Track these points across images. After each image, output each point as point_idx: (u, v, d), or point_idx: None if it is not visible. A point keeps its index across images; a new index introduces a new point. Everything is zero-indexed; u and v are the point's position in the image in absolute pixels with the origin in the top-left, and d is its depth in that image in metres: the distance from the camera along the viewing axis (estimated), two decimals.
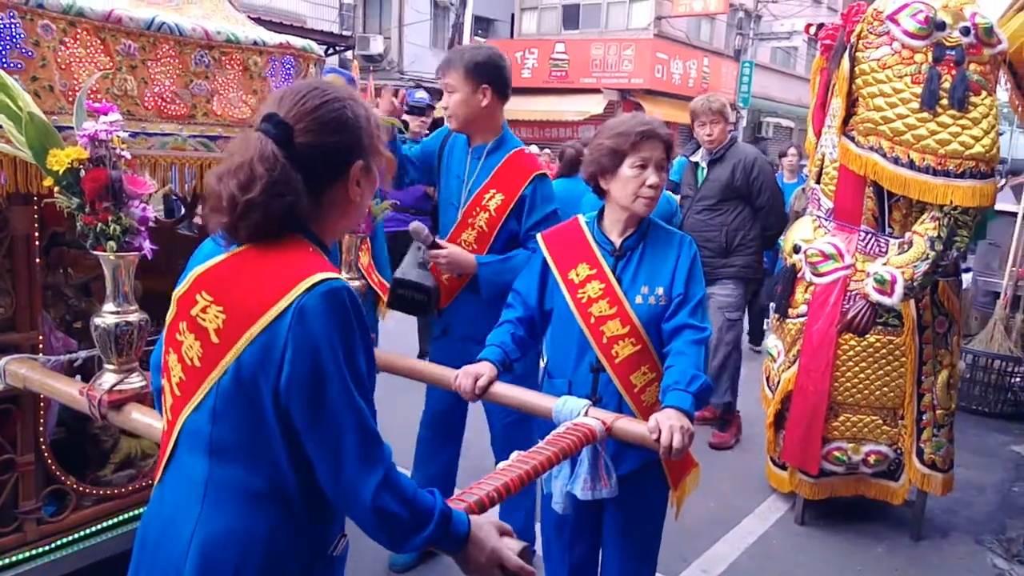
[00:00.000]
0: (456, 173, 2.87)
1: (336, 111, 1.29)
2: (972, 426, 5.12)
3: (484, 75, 2.74)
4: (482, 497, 1.49)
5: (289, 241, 1.28)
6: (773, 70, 24.19)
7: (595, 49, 19.79)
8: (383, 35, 19.10)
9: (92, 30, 2.02)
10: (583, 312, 2.20)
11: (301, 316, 1.19)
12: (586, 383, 2.22)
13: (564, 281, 2.24)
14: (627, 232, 2.24)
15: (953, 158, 3.01)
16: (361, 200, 1.37)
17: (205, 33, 2.26)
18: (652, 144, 2.16)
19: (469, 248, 2.75)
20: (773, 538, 3.57)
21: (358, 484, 1.22)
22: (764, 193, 4.41)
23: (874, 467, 3.50)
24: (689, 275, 2.20)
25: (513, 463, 1.69)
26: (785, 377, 3.59)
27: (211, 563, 1.24)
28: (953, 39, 3.03)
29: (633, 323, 2.17)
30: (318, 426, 1.21)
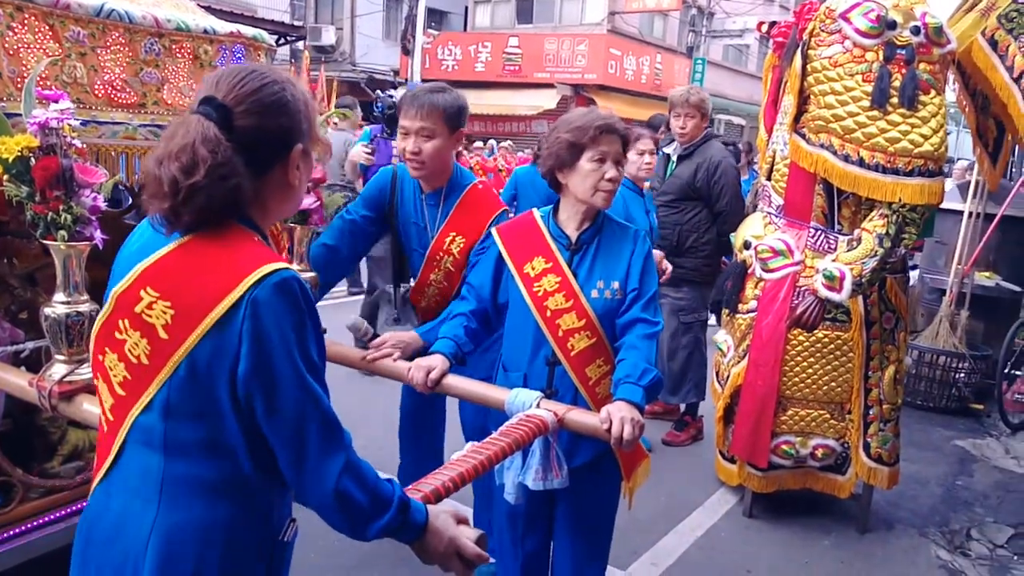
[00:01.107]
0: (413, 220, 2.76)
1: (276, 93, 1.28)
2: (917, 421, 5.24)
3: (460, 122, 2.63)
4: (437, 487, 1.52)
5: (232, 231, 1.26)
6: (725, 67, 24.52)
7: (549, 43, 19.84)
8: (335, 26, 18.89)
9: (40, 16, 2.00)
10: (539, 305, 2.21)
11: (254, 309, 1.19)
12: (542, 376, 2.23)
13: (520, 275, 2.25)
14: (583, 226, 2.26)
15: (902, 156, 3.05)
16: (300, 185, 1.36)
17: (155, 21, 2.24)
18: (610, 139, 2.18)
19: (440, 287, 2.71)
20: (722, 531, 3.61)
21: (321, 470, 1.24)
22: (724, 197, 4.35)
23: (821, 461, 3.55)
24: (643, 269, 2.22)
25: (467, 454, 1.72)
26: (735, 372, 3.62)
27: (172, 556, 1.23)
28: (904, 38, 3.07)
29: (589, 316, 2.18)
30: (279, 416, 1.22)
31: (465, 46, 20.70)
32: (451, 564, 1.38)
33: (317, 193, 2.37)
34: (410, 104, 2.58)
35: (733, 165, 4.52)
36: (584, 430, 2.03)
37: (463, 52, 20.61)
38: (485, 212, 2.70)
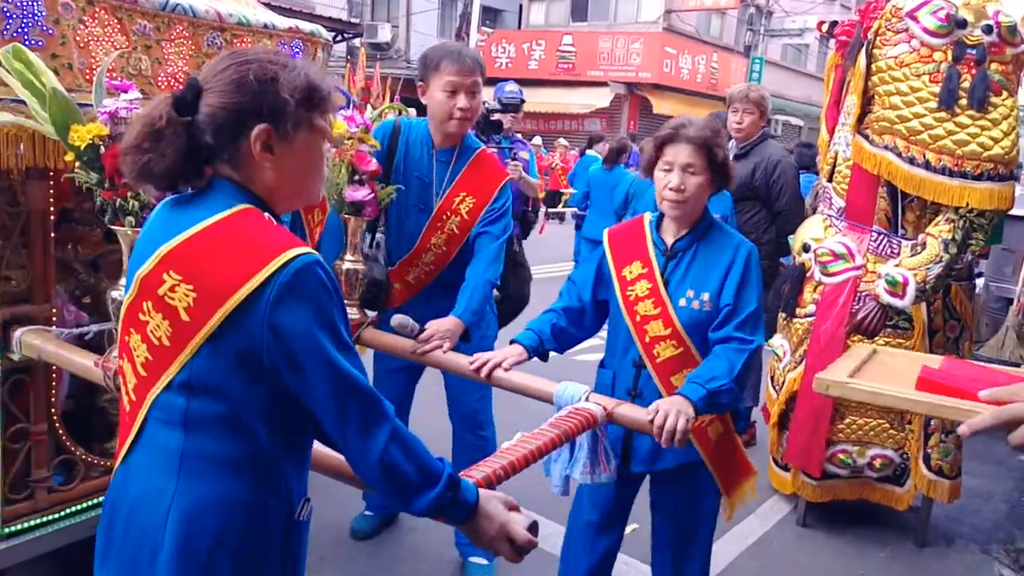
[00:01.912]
0: (417, 174, 2.74)
1: (240, 72, 1.28)
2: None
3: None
4: (489, 474, 1.54)
5: (244, 213, 1.29)
6: (783, 67, 24.10)
7: (603, 42, 19.73)
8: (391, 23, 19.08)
9: (109, 9, 2.07)
10: (629, 309, 2.25)
11: (281, 295, 1.21)
12: (628, 377, 2.28)
13: (617, 277, 2.29)
14: (680, 233, 2.27)
15: (971, 159, 2.96)
16: (288, 169, 1.33)
17: (218, 15, 2.30)
18: (675, 148, 2.19)
19: (438, 252, 2.72)
20: (774, 539, 3.54)
21: (366, 443, 1.27)
22: (783, 197, 4.24)
23: (879, 471, 3.46)
24: (741, 284, 2.18)
25: (517, 443, 1.74)
26: (790, 377, 3.55)
27: (192, 533, 1.25)
28: (974, 37, 2.97)
29: (675, 326, 2.19)
30: (318, 398, 1.26)
31: (519, 44, 20.73)
32: (501, 548, 1.39)
33: (371, 185, 2.41)
34: (457, 60, 2.58)
35: (792, 164, 4.42)
36: (633, 425, 2.03)
37: (517, 50, 20.64)
38: (495, 176, 2.75)
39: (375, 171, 2.40)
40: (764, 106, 4.33)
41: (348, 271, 2.46)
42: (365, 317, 2.50)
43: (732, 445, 2.37)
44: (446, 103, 2.62)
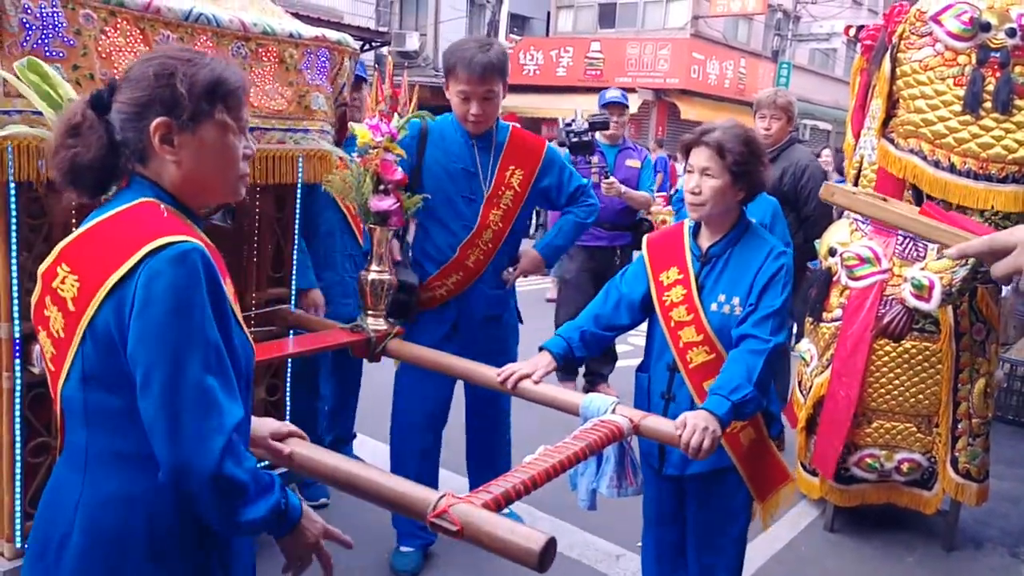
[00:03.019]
0: (461, 166, 2.86)
1: (143, 68, 1.30)
2: (1008, 436, 5.01)
3: (508, 72, 2.83)
4: (508, 490, 1.50)
5: (142, 205, 1.29)
6: (811, 72, 23.89)
7: (631, 48, 19.71)
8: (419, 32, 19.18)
9: (132, 20, 2.06)
10: (665, 315, 2.28)
11: (147, 280, 1.20)
12: (662, 380, 2.32)
13: (655, 282, 2.33)
14: (715, 238, 2.29)
15: (995, 162, 2.95)
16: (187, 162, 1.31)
17: (242, 25, 2.29)
18: (696, 151, 2.23)
19: (496, 229, 2.87)
20: (802, 544, 3.53)
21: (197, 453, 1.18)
22: (812, 202, 4.23)
23: (907, 475, 3.44)
24: (766, 286, 2.19)
25: (539, 457, 1.71)
26: (817, 382, 3.55)
27: (96, 529, 1.26)
28: (998, 41, 2.97)
29: (707, 332, 2.21)
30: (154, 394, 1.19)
31: (547, 51, 20.75)
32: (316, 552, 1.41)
33: (397, 195, 2.43)
34: (466, 68, 2.68)
35: (820, 168, 4.43)
36: (659, 438, 2.02)
37: (545, 57, 20.67)
38: (535, 145, 2.98)
39: (401, 180, 2.43)
40: (791, 111, 4.34)
41: (374, 282, 2.47)
42: (391, 328, 2.51)
43: (765, 450, 2.36)
44: (460, 107, 2.78)
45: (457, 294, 2.92)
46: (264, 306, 2.68)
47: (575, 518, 3.36)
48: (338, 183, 2.41)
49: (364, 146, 2.40)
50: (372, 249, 2.52)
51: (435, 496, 1.41)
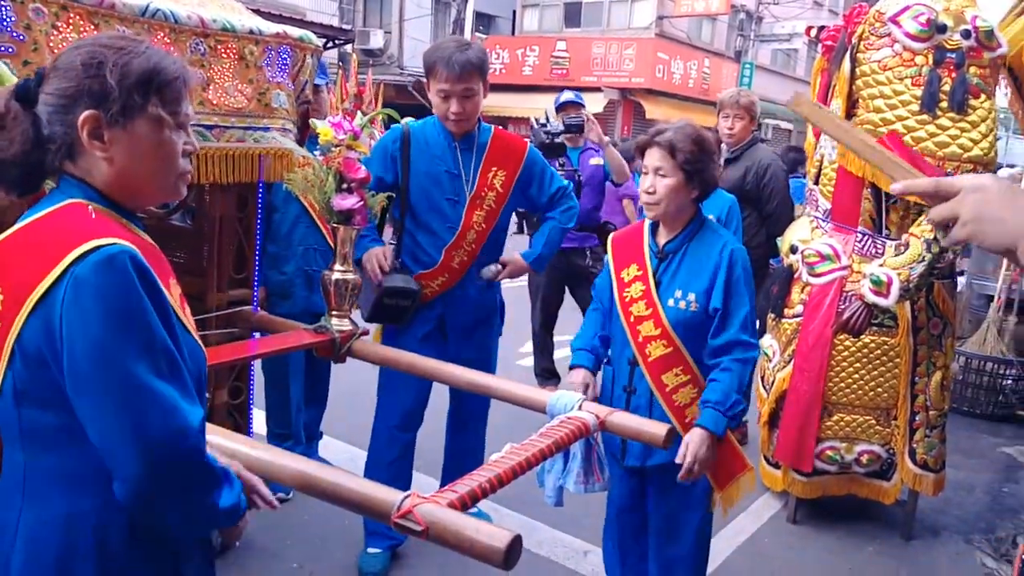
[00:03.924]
0: (444, 168, 2.87)
1: (72, 57, 1.21)
2: (963, 427, 5.13)
3: (488, 69, 2.84)
4: (474, 489, 1.50)
5: (66, 207, 1.20)
6: (773, 72, 24.20)
7: (596, 47, 19.80)
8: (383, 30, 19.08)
9: (85, 15, 1.99)
10: (625, 310, 2.36)
11: (74, 289, 1.11)
12: (624, 374, 2.40)
13: (616, 279, 2.41)
14: (671, 235, 2.36)
15: (951, 160, 3.01)
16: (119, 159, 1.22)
17: (200, 21, 2.24)
18: (650, 152, 2.29)
19: (479, 230, 2.89)
20: (765, 536, 3.58)
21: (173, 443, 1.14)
22: (773, 200, 4.32)
23: (867, 467, 3.50)
24: (727, 287, 2.26)
25: (506, 455, 1.71)
26: (780, 377, 3.60)
27: (39, 550, 1.20)
28: (954, 42, 3.03)
29: (665, 326, 2.29)
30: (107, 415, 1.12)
31: (513, 50, 20.77)
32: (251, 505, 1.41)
33: (360, 193, 2.40)
34: (446, 67, 2.71)
35: (782, 167, 4.49)
36: (626, 434, 2.04)
37: (511, 56, 20.68)
38: (517, 146, 2.99)
39: (364, 179, 2.41)
40: (754, 111, 4.39)
41: (338, 282, 2.44)
42: (356, 328, 2.49)
43: (723, 440, 2.38)
44: (441, 106, 2.79)
45: (441, 293, 2.93)
46: (226, 307, 2.64)
47: (543, 514, 3.38)
48: (300, 181, 2.38)
49: (327, 144, 2.38)
50: (336, 248, 2.50)
51: (399, 496, 1.40)
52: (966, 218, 1.09)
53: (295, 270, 3.34)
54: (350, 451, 3.94)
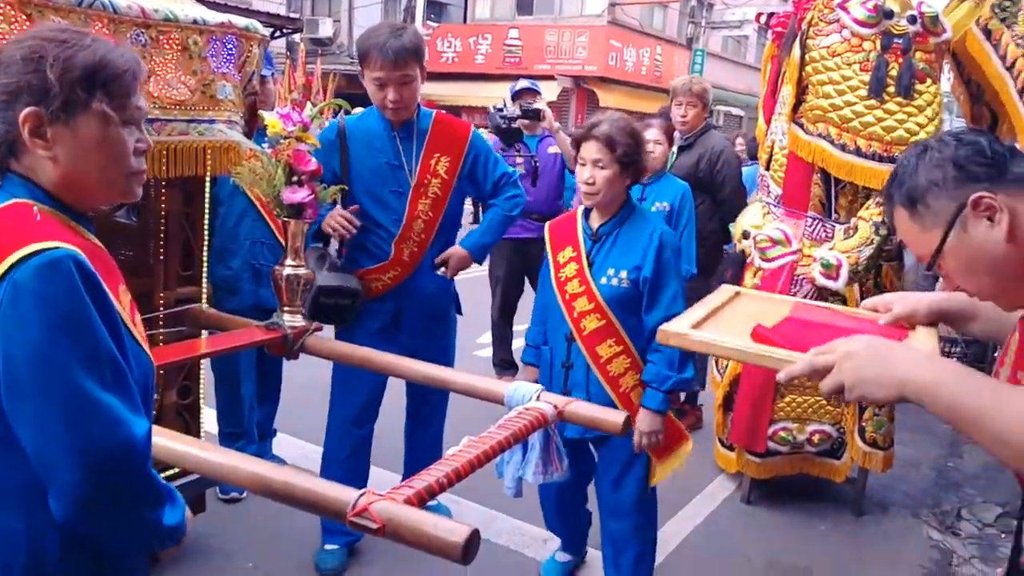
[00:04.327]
0: (384, 160, 2.81)
1: (13, 51, 1.16)
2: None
3: (424, 56, 2.78)
4: (431, 484, 1.47)
5: (10, 207, 1.16)
6: (724, 59, 24.45)
7: (549, 35, 19.79)
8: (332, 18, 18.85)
9: (17, 5, 1.90)
10: (561, 289, 2.55)
11: (13, 297, 1.06)
12: (562, 350, 2.58)
13: (552, 261, 2.61)
14: (604, 219, 2.55)
15: (899, 144, 3.07)
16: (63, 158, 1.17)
17: (141, 11, 2.15)
18: (587, 145, 2.46)
19: (426, 219, 2.84)
20: (721, 517, 3.63)
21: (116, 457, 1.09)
22: (727, 187, 4.35)
23: (818, 446, 3.57)
24: (657, 264, 2.45)
25: (463, 448, 1.69)
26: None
27: None
28: (900, 27, 3.09)
29: (598, 301, 2.48)
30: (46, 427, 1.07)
31: (465, 38, 20.67)
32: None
33: (311, 186, 2.36)
34: (380, 54, 2.64)
35: (735, 154, 4.54)
36: (584, 422, 2.05)
37: (463, 44, 20.58)
38: (460, 130, 2.92)
39: (315, 171, 2.35)
40: (706, 98, 4.42)
41: (289, 277, 2.38)
42: (309, 324, 2.44)
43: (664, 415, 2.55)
44: (377, 95, 2.73)
45: (394, 287, 2.88)
46: (174, 306, 2.57)
47: (503, 505, 3.37)
48: (247, 174, 2.33)
49: (275, 136, 2.32)
50: (287, 243, 2.44)
51: (354, 495, 1.38)
52: (849, 385, 1.20)
53: (242, 264, 3.27)
54: (305, 448, 3.90)
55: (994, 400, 1.09)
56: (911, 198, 1.26)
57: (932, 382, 1.14)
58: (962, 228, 1.22)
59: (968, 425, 1.11)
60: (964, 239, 1.22)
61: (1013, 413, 1.06)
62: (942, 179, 1.23)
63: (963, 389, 1.12)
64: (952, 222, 1.22)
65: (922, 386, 1.15)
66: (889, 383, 1.17)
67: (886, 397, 1.19)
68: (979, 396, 1.10)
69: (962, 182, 1.22)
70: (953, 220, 1.22)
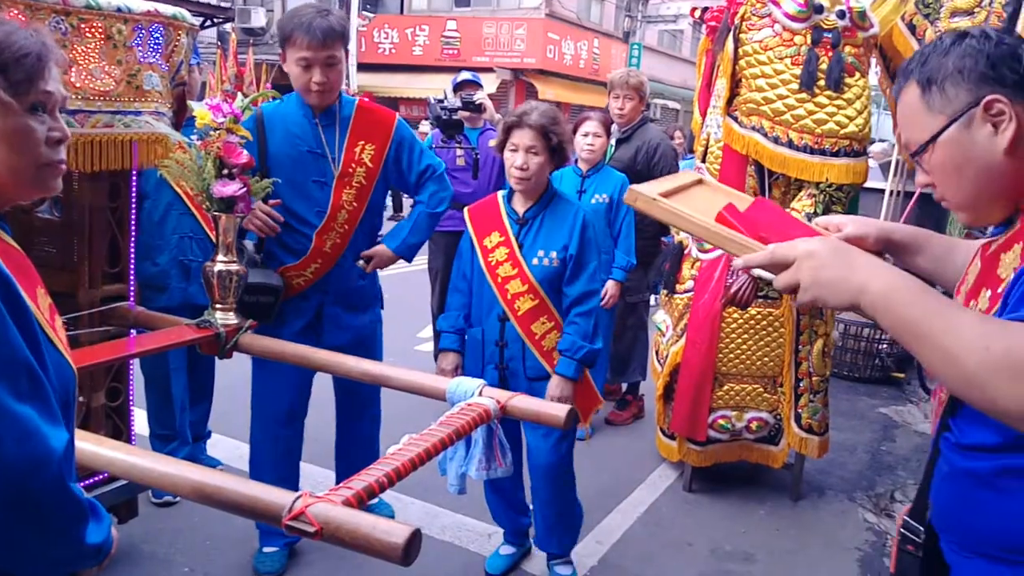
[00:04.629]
0: (306, 148, 2.74)
1: None
2: (844, 391, 5.42)
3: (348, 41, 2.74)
4: (371, 484, 1.44)
5: None
6: (660, 52, 24.74)
7: (487, 27, 19.70)
8: (265, 7, 18.42)
9: None
10: (492, 273, 2.66)
11: None
12: (495, 330, 2.71)
13: (480, 247, 2.70)
14: (529, 204, 2.70)
15: (829, 137, 3.14)
16: None
17: None
18: (520, 132, 2.59)
19: (351, 207, 2.77)
20: (663, 506, 3.68)
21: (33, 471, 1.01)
22: None
23: (756, 433, 3.64)
24: (581, 241, 2.65)
25: (405, 446, 1.66)
26: (673, 351, 3.68)
27: None
28: (830, 22, 3.15)
29: (531, 282, 2.63)
30: None
31: (402, 29, 20.44)
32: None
33: (243, 179, 2.29)
34: (306, 34, 2.58)
35: (672, 147, 4.59)
36: (527, 417, 2.04)
37: (400, 35, 20.35)
38: (384, 118, 2.86)
39: (246, 164, 2.28)
40: (643, 91, 4.46)
41: (220, 273, 2.30)
42: (243, 321, 2.37)
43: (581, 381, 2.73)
44: (302, 76, 2.65)
45: (316, 282, 2.81)
46: (100, 304, 2.48)
47: (446, 500, 3.36)
48: (175, 168, 2.25)
49: (204, 128, 2.25)
50: (219, 238, 2.37)
51: (291, 498, 1.34)
52: (806, 284, 1.16)
53: (169, 260, 3.16)
54: (241, 448, 3.79)
55: (948, 320, 1.05)
56: (931, 78, 1.21)
57: (889, 292, 1.10)
58: (966, 124, 1.18)
59: (917, 342, 1.07)
60: (963, 136, 1.19)
61: (964, 334, 1.02)
62: (970, 69, 1.17)
63: (919, 304, 1.08)
64: (960, 114, 1.18)
65: (878, 295, 1.11)
66: (847, 288, 1.13)
67: (839, 303, 1.15)
68: (934, 314, 1.06)
69: (987, 80, 1.17)
70: (962, 113, 1.18)
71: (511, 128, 2.62)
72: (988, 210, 1.25)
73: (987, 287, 1.21)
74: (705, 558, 3.22)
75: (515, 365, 2.71)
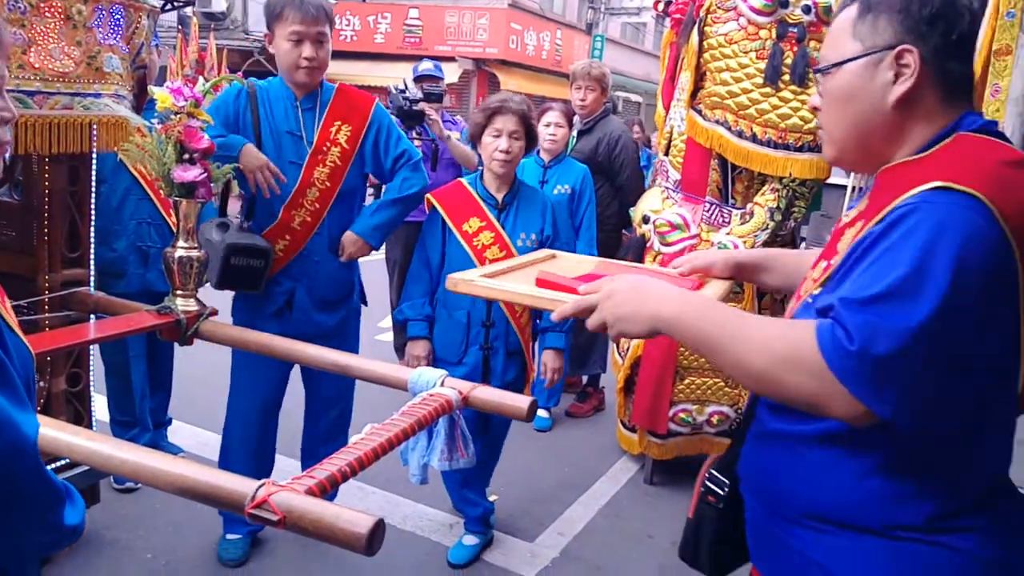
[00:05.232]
0: (287, 130, 2.73)
1: None
2: None
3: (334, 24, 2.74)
4: (333, 473, 1.43)
5: None
6: (623, 45, 24.82)
7: (450, 16, 19.58)
8: None
9: None
10: (479, 256, 2.72)
11: None
12: (482, 311, 2.79)
13: (460, 232, 2.76)
14: (505, 189, 2.83)
15: (793, 132, 3.17)
16: None
17: None
18: (504, 118, 2.72)
19: (323, 186, 2.74)
20: (624, 498, 3.71)
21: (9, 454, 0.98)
22: (624, 171, 4.41)
23: (717, 427, 3.68)
24: (555, 225, 2.86)
25: (366, 436, 1.65)
26: (634, 343, 3.71)
27: None
28: (795, 16, 3.18)
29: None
30: None
31: (364, 16, 20.22)
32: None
33: (204, 164, 2.25)
34: (300, 8, 2.59)
35: (632, 139, 4.60)
36: (489, 408, 2.03)
37: (362, 22, 20.13)
38: (363, 102, 2.86)
39: (207, 149, 2.24)
40: (605, 83, 4.46)
41: (181, 259, 2.25)
42: (203, 308, 2.31)
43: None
44: (291, 52, 2.63)
45: (289, 263, 2.76)
46: (59, 289, 2.42)
47: (408, 491, 3.35)
48: (135, 151, 2.19)
49: (165, 112, 2.20)
50: (179, 224, 2.32)
51: (253, 486, 1.32)
52: (610, 322, 1.28)
53: (127, 246, 3.10)
54: (202, 435, 3.76)
55: (735, 329, 1.16)
56: (872, 5, 1.20)
57: (678, 314, 1.21)
58: (875, 63, 1.18)
59: (713, 354, 1.18)
60: (866, 73, 1.19)
61: (751, 339, 1.13)
62: (911, 15, 1.16)
63: (707, 319, 1.18)
64: (876, 51, 1.18)
65: (670, 319, 1.22)
66: (641, 318, 1.24)
67: (639, 332, 1.26)
68: (721, 326, 1.17)
69: (915, 31, 1.16)
70: (878, 51, 1.18)
71: (494, 114, 2.72)
72: (853, 155, 1.28)
73: (825, 258, 1.28)
74: (666, 550, 3.25)
75: (498, 344, 2.82)
